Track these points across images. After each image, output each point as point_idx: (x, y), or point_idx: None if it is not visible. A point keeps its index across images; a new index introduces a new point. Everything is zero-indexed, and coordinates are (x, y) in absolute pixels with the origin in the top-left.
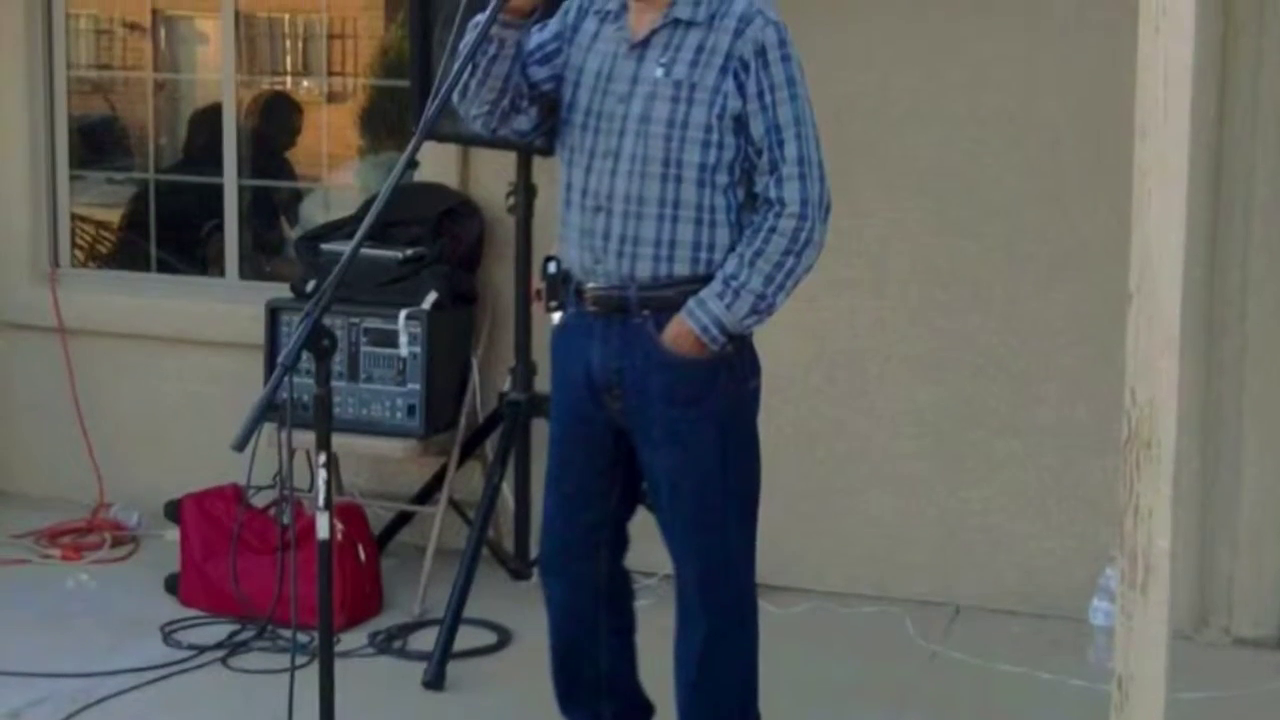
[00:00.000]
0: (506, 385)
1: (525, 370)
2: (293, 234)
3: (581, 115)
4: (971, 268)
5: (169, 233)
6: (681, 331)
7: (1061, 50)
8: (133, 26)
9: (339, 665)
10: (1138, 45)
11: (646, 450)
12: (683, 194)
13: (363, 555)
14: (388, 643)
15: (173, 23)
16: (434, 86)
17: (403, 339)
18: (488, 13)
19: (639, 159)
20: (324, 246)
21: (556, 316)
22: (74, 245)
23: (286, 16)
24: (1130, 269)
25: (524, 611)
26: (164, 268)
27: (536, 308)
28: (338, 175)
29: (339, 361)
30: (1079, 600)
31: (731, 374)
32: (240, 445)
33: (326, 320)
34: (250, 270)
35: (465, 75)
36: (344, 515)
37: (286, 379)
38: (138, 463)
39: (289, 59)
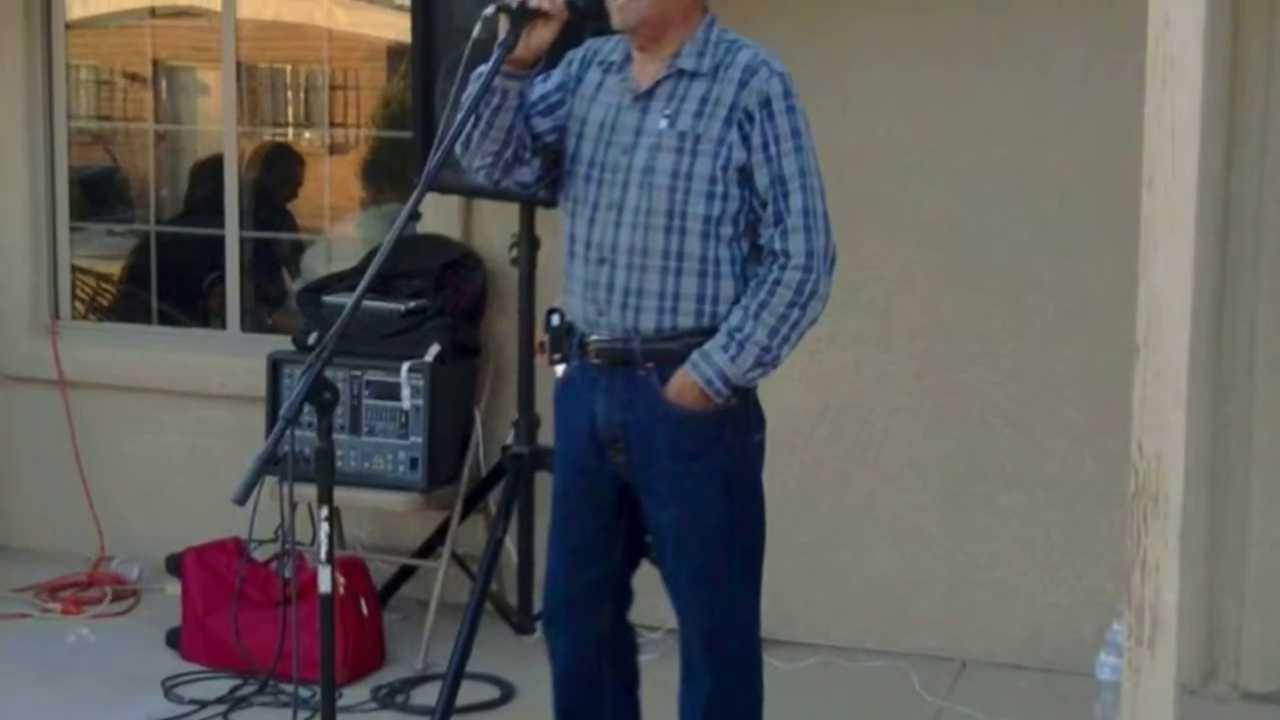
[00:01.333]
0: (509, 438)
1: (528, 423)
2: (294, 286)
3: (585, 166)
4: (977, 321)
5: (170, 285)
6: (686, 384)
7: (1069, 102)
8: (133, 77)
9: None
10: (1145, 96)
11: (651, 504)
12: (687, 246)
13: (365, 609)
14: (390, 698)
15: (174, 73)
16: (436, 138)
17: (405, 392)
18: (491, 64)
19: (643, 211)
20: (326, 299)
21: (560, 369)
22: (74, 297)
23: (288, 67)
24: (1137, 321)
25: (527, 666)
26: (165, 320)
27: (540, 360)
28: (340, 227)
29: (341, 414)
30: (1086, 655)
31: (736, 427)
32: (242, 499)
33: (328, 373)
34: (252, 323)
35: (468, 126)
36: (346, 569)
37: (288, 432)
38: (139, 516)
39: (291, 110)
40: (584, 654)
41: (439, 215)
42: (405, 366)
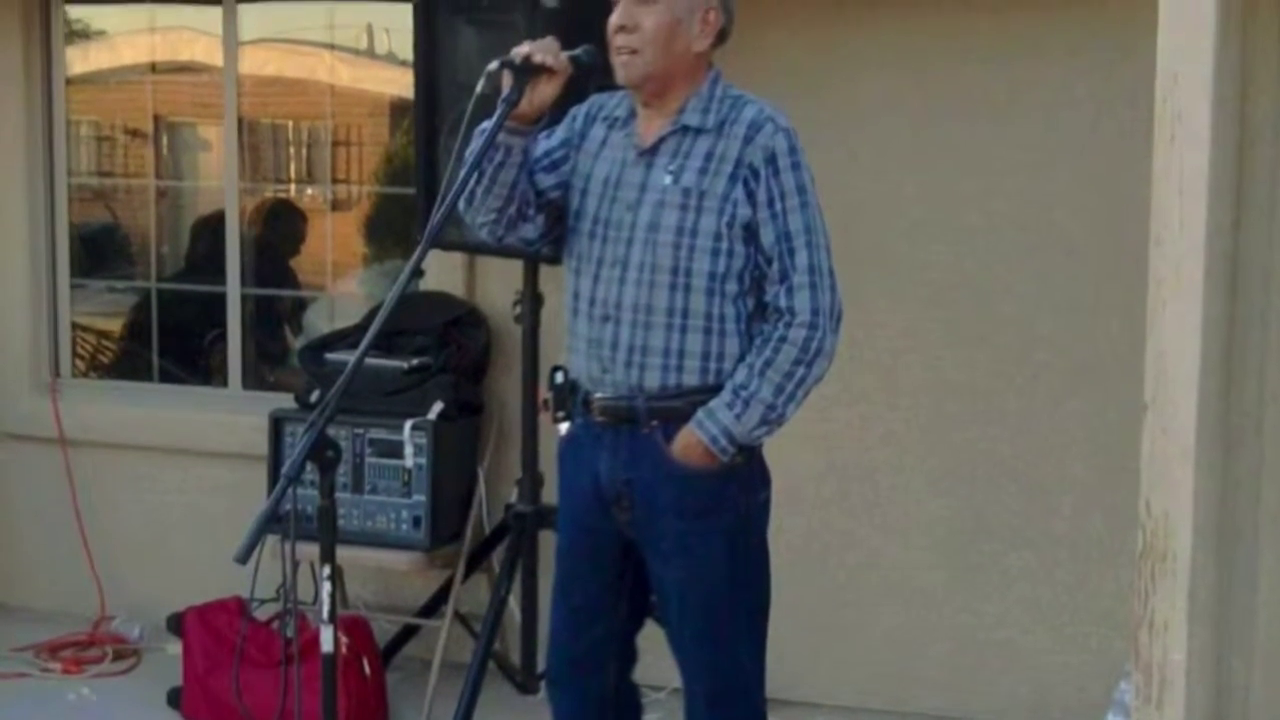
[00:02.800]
0: (513, 496)
1: (532, 481)
2: (297, 343)
3: (589, 223)
4: (984, 379)
5: (171, 342)
6: (691, 442)
7: (1076, 158)
8: (134, 133)
9: None
10: (1153, 153)
11: (655, 562)
12: (691, 303)
13: (367, 669)
14: None
15: (175, 129)
16: (440, 194)
17: (408, 450)
18: (494, 119)
19: (647, 267)
20: (328, 356)
21: (564, 427)
22: (75, 355)
23: (290, 123)
24: (1145, 379)
25: None
26: (166, 377)
27: (544, 418)
28: (342, 284)
29: (343, 473)
30: (1093, 715)
31: (741, 486)
32: (243, 557)
33: (331, 431)
34: (254, 380)
35: (472, 182)
36: (348, 628)
37: (290, 490)
38: (139, 575)
39: (293, 166)
40: (588, 714)
41: (442, 272)
42: (408, 424)
